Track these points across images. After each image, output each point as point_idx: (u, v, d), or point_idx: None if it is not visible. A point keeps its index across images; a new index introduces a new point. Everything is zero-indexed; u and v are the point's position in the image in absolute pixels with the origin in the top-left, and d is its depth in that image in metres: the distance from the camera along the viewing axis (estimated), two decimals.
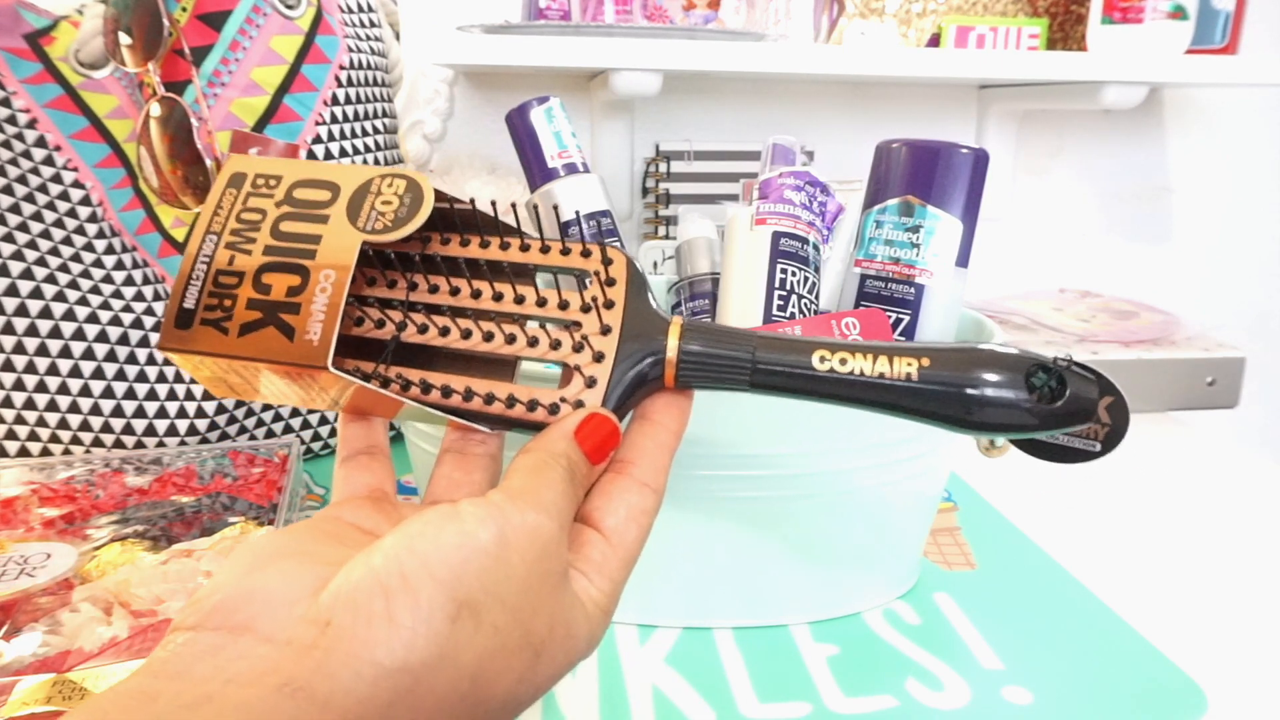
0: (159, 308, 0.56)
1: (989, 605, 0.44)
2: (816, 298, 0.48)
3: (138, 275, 0.56)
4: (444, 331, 0.30)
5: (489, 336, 0.30)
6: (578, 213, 0.51)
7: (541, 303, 0.30)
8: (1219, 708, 0.38)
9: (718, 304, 0.51)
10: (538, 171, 0.52)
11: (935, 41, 0.89)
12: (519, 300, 0.31)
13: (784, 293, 0.47)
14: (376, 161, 0.60)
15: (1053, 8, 0.91)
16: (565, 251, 0.31)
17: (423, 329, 0.30)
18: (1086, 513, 0.57)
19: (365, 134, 0.59)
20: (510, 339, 0.30)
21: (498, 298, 0.31)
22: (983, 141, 0.94)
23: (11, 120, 0.53)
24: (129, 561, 0.41)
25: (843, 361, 0.29)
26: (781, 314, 0.47)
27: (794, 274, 0.47)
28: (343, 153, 0.57)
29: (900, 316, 0.45)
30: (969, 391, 0.28)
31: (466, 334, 0.30)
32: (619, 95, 0.70)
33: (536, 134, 0.52)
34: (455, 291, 0.30)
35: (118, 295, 0.55)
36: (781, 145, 0.54)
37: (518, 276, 0.31)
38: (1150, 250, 1.01)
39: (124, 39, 0.52)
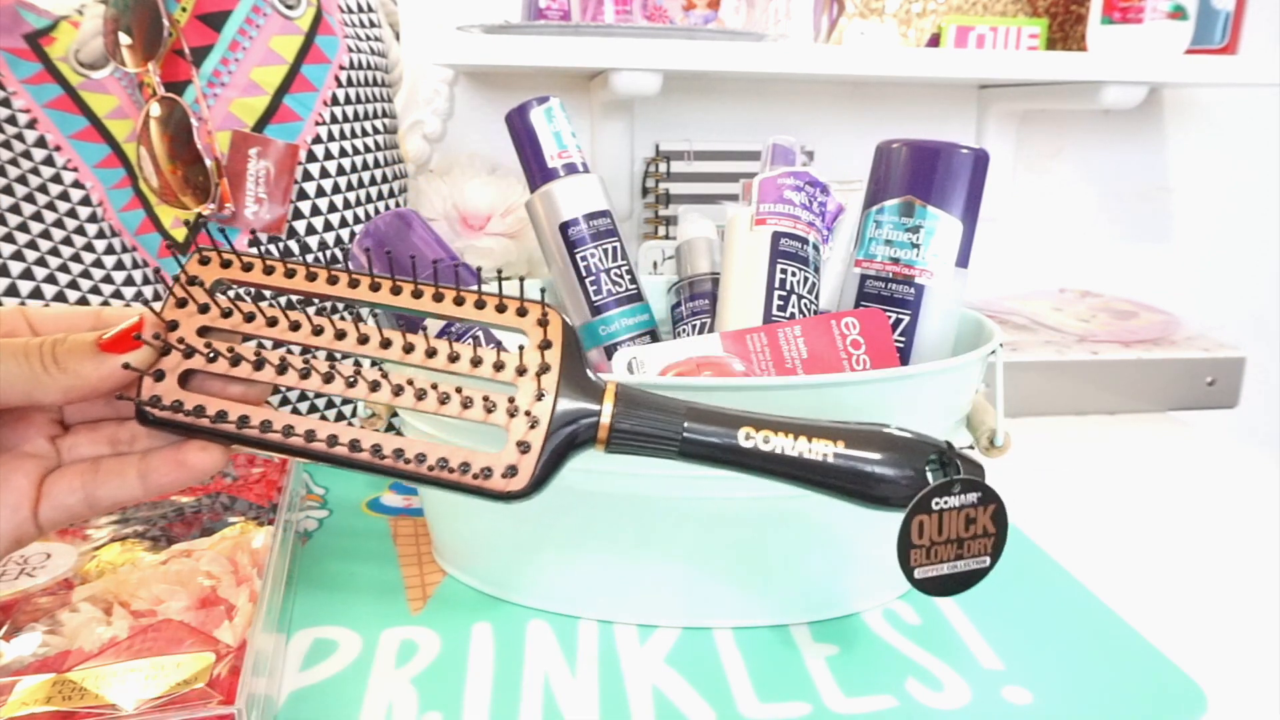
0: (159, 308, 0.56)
1: (989, 605, 0.44)
2: (816, 298, 0.48)
3: (138, 275, 0.56)
4: (374, 386, 0.30)
5: (421, 395, 0.30)
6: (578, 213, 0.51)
7: (476, 362, 0.30)
8: (1219, 708, 0.38)
9: (717, 304, 0.51)
10: (537, 171, 0.52)
11: (935, 41, 0.89)
12: (453, 359, 0.30)
13: (784, 293, 0.47)
14: (376, 162, 0.60)
15: (1053, 8, 0.91)
16: (501, 308, 0.31)
17: (351, 383, 0.30)
18: (1086, 513, 0.57)
19: (365, 134, 0.59)
20: (444, 399, 0.30)
21: (431, 354, 0.30)
22: (983, 141, 0.94)
23: (11, 120, 0.53)
24: (129, 561, 0.41)
25: (766, 440, 0.31)
26: (781, 314, 0.47)
27: (794, 274, 0.47)
28: (343, 152, 0.57)
29: (900, 317, 0.45)
30: (875, 471, 0.31)
31: (398, 390, 0.30)
32: (619, 95, 0.70)
33: (536, 134, 0.52)
34: (386, 344, 0.30)
35: (118, 295, 0.55)
36: (781, 145, 0.54)
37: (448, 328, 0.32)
38: (1150, 250, 1.01)
39: (124, 39, 0.52)
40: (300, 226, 0.56)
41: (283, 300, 0.31)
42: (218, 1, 0.53)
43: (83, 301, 0.54)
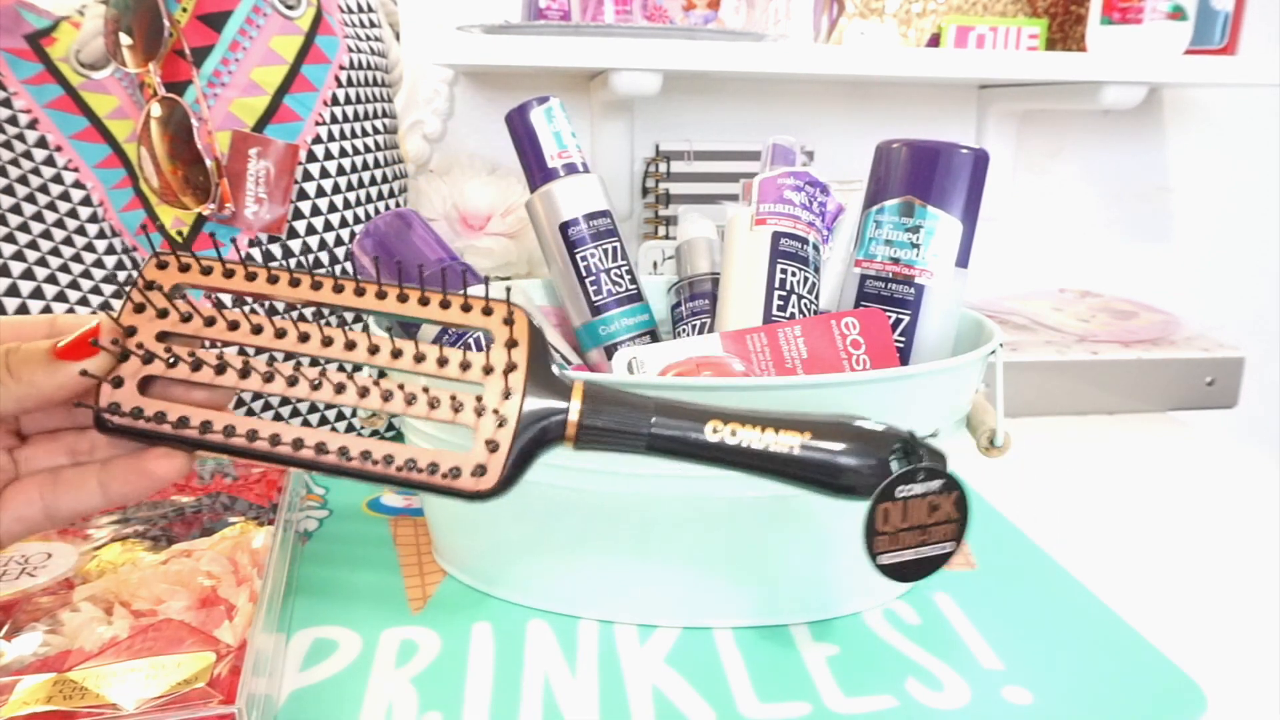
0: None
1: (989, 605, 0.44)
2: (816, 298, 0.49)
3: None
4: (339, 389, 0.29)
5: (388, 396, 0.30)
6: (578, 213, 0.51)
7: (442, 362, 0.30)
8: (1219, 708, 0.38)
9: (717, 304, 0.51)
10: (537, 171, 0.52)
11: (935, 41, 0.89)
12: (419, 359, 0.30)
13: (784, 293, 0.47)
14: (376, 162, 0.60)
15: (1052, 8, 0.91)
16: (466, 308, 0.30)
17: (316, 386, 0.29)
18: (1086, 512, 0.57)
19: (365, 134, 0.59)
20: (410, 399, 0.30)
21: (396, 354, 0.30)
22: (983, 141, 0.94)
23: (12, 121, 0.53)
24: (129, 561, 0.41)
25: (733, 433, 0.31)
26: (781, 314, 0.47)
27: (794, 274, 0.47)
28: (343, 153, 0.57)
29: (900, 317, 0.45)
30: (840, 461, 0.31)
31: (364, 392, 0.29)
32: (619, 95, 0.70)
33: (536, 134, 0.52)
34: (350, 346, 0.30)
35: (119, 296, 0.55)
36: (781, 145, 0.54)
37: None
38: (1150, 250, 1.01)
39: (124, 39, 0.52)
40: (300, 226, 0.56)
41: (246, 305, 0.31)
42: (218, 2, 0.53)
43: (84, 302, 0.54)
